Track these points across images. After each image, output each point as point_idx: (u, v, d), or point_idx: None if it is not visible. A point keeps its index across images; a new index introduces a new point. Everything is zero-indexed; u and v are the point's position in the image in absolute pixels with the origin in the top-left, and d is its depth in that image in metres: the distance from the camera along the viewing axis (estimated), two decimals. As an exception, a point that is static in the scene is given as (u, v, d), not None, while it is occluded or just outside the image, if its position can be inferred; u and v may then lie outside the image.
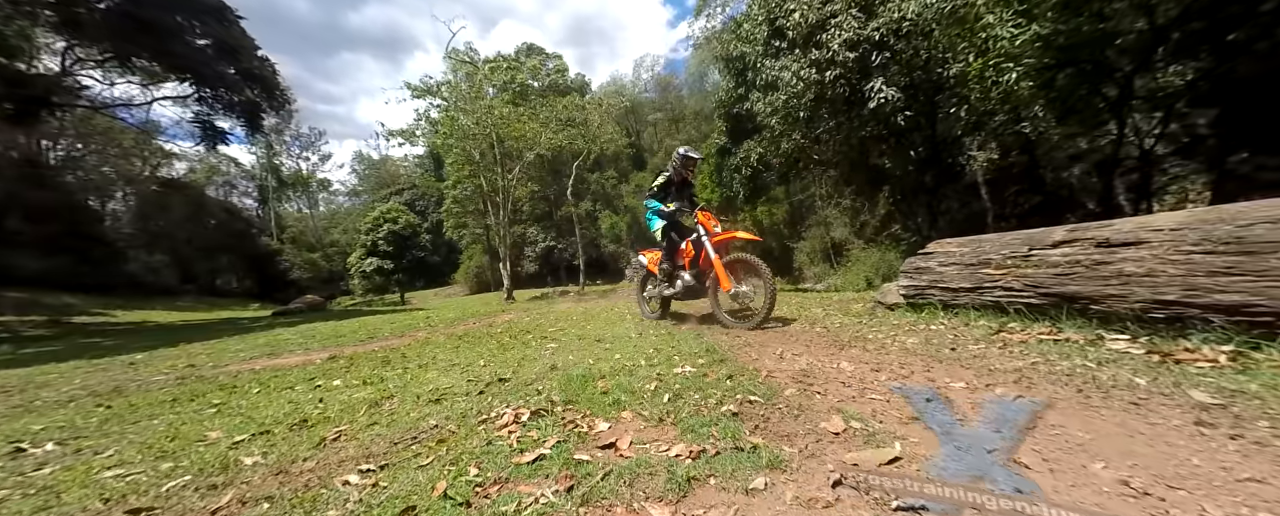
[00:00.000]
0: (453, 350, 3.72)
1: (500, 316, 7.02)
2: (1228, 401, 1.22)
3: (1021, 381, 1.56)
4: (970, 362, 1.80)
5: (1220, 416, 1.17)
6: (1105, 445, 1.14)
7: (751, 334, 3.03)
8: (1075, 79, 5.89)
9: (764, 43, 6.71)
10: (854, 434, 1.33)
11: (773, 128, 6.72)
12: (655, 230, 4.03)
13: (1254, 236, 1.47)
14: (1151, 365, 1.51)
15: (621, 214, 28.33)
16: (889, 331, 2.48)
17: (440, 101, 13.98)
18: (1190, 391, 1.28)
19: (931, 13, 4.64)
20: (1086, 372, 1.53)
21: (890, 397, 1.60)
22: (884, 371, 1.86)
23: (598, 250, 29.45)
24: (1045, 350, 1.79)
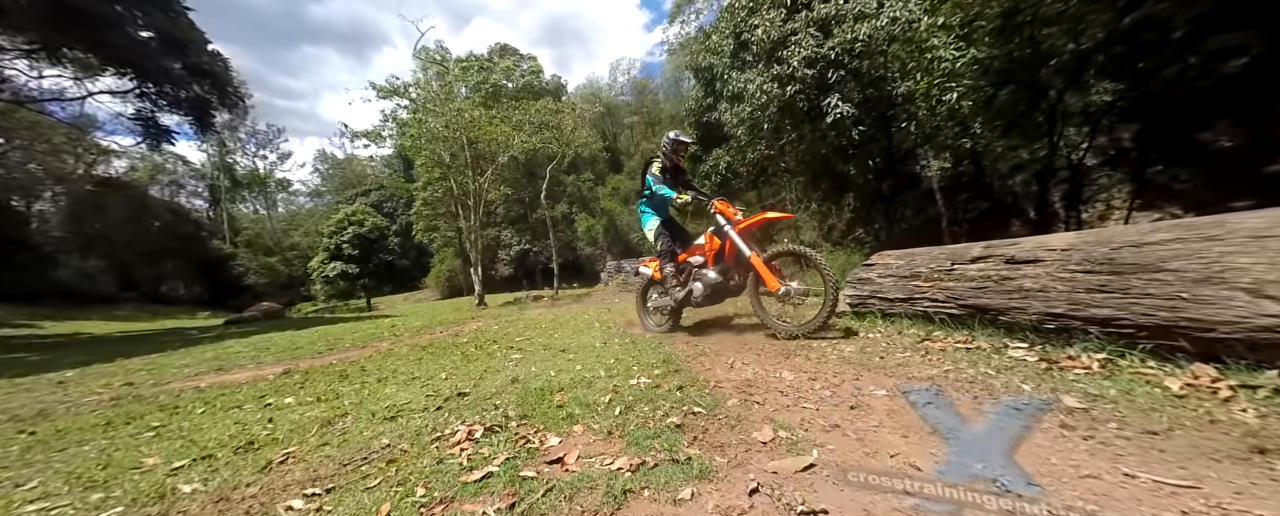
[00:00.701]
0: (415, 362, 3.68)
1: (469, 324, 6.93)
2: (1090, 405, 1.42)
3: (933, 388, 1.74)
4: (894, 370, 1.98)
5: (1081, 419, 1.36)
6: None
7: (709, 341, 3.16)
8: (1013, 97, 6.40)
9: (731, 55, 6.94)
10: (780, 442, 1.46)
11: (739, 138, 6.95)
12: (648, 229, 3.63)
13: (1121, 258, 1.70)
14: (1039, 372, 1.72)
15: (598, 217, 28.30)
16: (832, 339, 2.66)
17: (408, 102, 13.60)
18: (1063, 396, 1.48)
19: (882, 35, 4.94)
20: (986, 380, 1.72)
21: (820, 405, 1.75)
22: (819, 380, 2.02)
23: (573, 253, 29.31)
24: (958, 358, 1.99)
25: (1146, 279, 1.60)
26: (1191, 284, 1.48)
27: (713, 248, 3.23)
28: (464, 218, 13.64)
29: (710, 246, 3.25)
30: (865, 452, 1.37)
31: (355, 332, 7.37)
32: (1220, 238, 1.47)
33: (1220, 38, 6.42)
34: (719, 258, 3.20)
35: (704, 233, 3.38)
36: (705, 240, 3.31)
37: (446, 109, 11.81)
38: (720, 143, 8.05)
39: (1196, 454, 1.12)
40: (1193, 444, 1.16)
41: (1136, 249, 1.67)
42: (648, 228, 3.65)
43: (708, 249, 3.26)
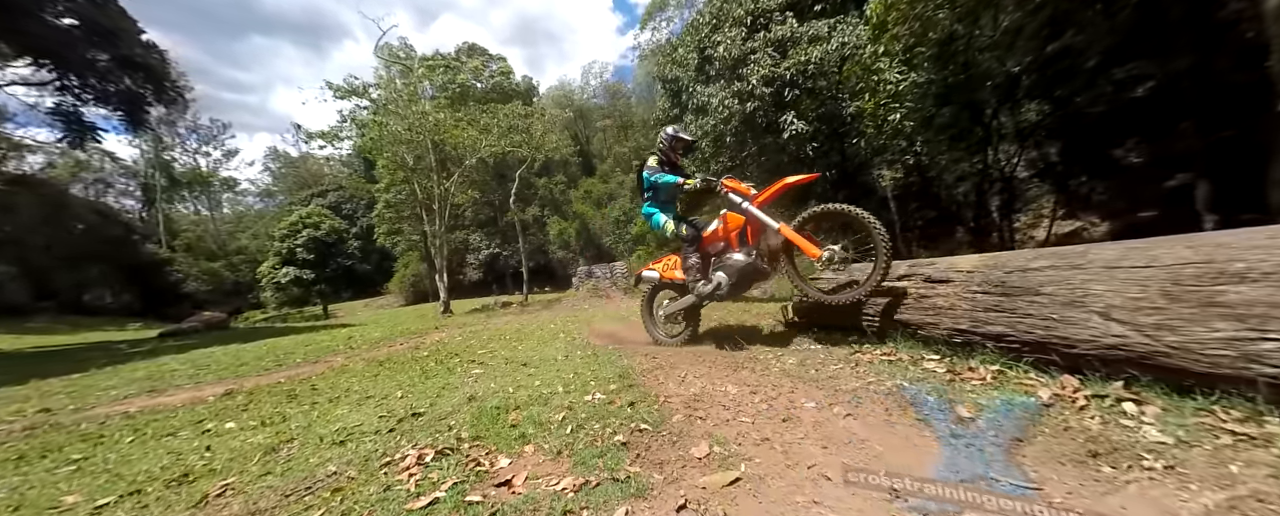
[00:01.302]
0: (371, 379, 3.61)
1: (432, 335, 6.78)
2: (978, 415, 1.63)
3: (854, 400, 1.92)
4: (825, 383, 2.17)
5: (969, 428, 1.57)
6: (893, 453, 1.48)
7: (667, 354, 3.28)
8: (953, 115, 6.96)
9: (696, 69, 7.16)
10: (714, 458, 1.59)
11: (704, 149, 7.18)
12: (663, 226, 3.27)
13: (1010, 282, 1.95)
14: (945, 383, 1.94)
15: (570, 220, 28.12)
16: (777, 352, 2.84)
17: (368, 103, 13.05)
18: (958, 407, 1.69)
19: (833, 58, 5.28)
20: (899, 391, 1.92)
21: (755, 419, 1.90)
22: (759, 393, 2.17)
23: (545, 257, 29.00)
24: (880, 370, 2.20)
25: (1028, 301, 1.84)
26: (1061, 306, 1.73)
27: (733, 228, 2.95)
28: (429, 221, 13.21)
29: (730, 228, 2.96)
30: (787, 465, 1.51)
31: (308, 345, 7.03)
32: (1083, 267, 1.73)
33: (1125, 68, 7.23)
34: (742, 239, 2.92)
35: (718, 218, 3.10)
36: (721, 224, 3.04)
37: (410, 111, 11.40)
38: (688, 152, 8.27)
39: (1048, 458, 1.33)
40: (1047, 449, 1.37)
41: (1022, 274, 1.92)
42: (661, 226, 3.31)
43: (728, 232, 2.98)
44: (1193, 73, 5.18)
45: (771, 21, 5.92)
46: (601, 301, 10.35)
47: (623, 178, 28.11)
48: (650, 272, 3.60)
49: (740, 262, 2.90)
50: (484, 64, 26.26)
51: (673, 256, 3.39)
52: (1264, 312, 1.25)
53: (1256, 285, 1.28)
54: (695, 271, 3.11)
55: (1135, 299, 1.52)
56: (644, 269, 3.71)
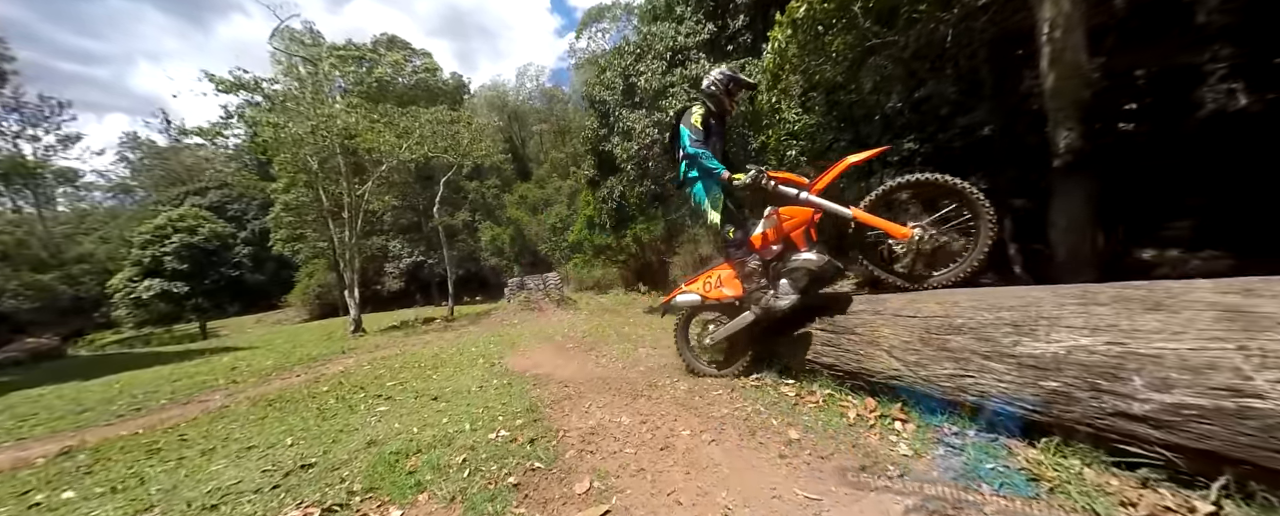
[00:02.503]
0: (256, 423, 3.35)
1: (336, 362, 6.29)
2: (804, 435, 2.06)
3: (719, 426, 2.29)
4: (702, 410, 2.53)
5: (794, 448, 1.98)
6: (737, 475, 1.83)
7: (578, 383, 3.48)
8: (845, 150, 8.08)
9: (622, 93, 7.49)
10: (593, 493, 1.83)
11: (629, 172, 7.53)
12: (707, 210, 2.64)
13: (837, 322, 2.45)
14: (791, 407, 2.39)
15: (504, 226, 27.17)
16: (671, 378, 3.18)
17: (262, 98, 11.58)
18: (788, 430, 2.11)
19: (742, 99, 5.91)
20: (759, 417, 2.33)
21: (639, 449, 2.18)
22: (648, 423, 2.47)
23: (476, 264, 27.74)
24: (749, 395, 2.62)
25: (848, 337, 2.35)
26: (866, 344, 2.24)
27: (795, 226, 2.52)
28: (338, 228, 11.99)
29: (787, 228, 2.54)
30: (652, 493, 1.80)
31: (177, 380, 6.11)
32: (880, 312, 2.26)
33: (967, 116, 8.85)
34: (808, 237, 2.53)
35: (763, 220, 2.65)
36: (772, 226, 2.59)
37: (315, 113, 10.32)
38: (615, 171, 8.57)
39: (836, 471, 1.76)
40: (839, 465, 1.80)
41: (845, 316, 2.43)
42: (709, 205, 2.63)
43: (786, 232, 2.54)
44: (1004, 131, 6.58)
45: (688, 59, 6.43)
46: (533, 315, 10.24)
47: (559, 183, 27.79)
48: (688, 296, 2.91)
49: (816, 262, 2.41)
50: (405, 59, 24.46)
51: (715, 271, 2.83)
52: (969, 356, 1.79)
53: (966, 336, 1.82)
54: (757, 279, 2.56)
55: (906, 341, 2.05)
56: (677, 293, 3.01)
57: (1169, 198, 4.68)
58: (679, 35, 6.72)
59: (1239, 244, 4.47)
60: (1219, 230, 4.45)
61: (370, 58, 21.99)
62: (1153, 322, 1.36)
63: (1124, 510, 1.26)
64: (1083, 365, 1.44)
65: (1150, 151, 4.60)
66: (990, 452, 1.61)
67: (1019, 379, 1.60)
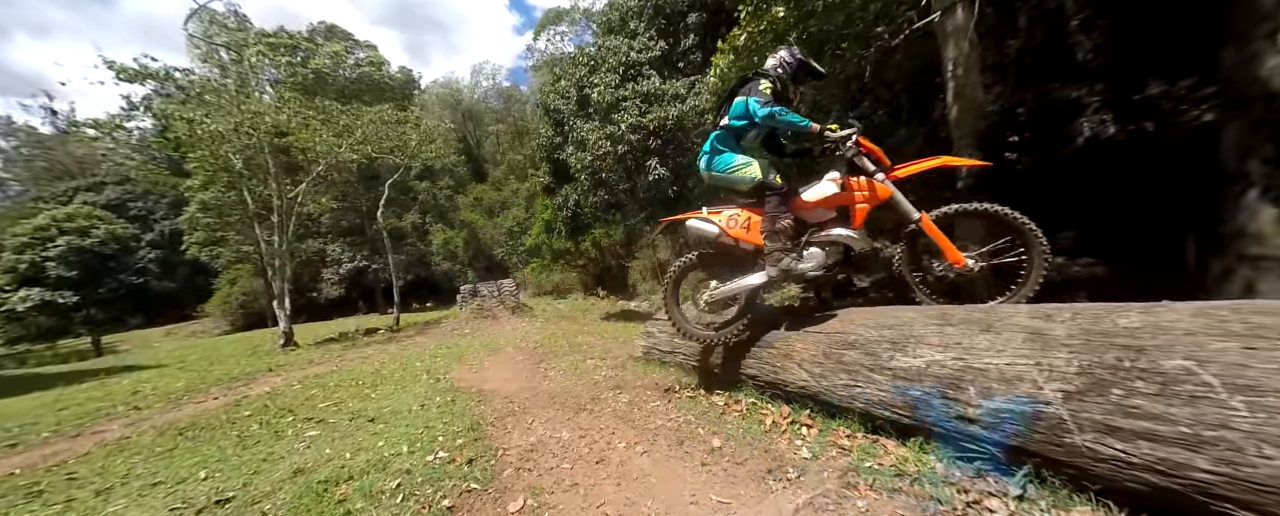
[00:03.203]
0: (164, 456, 3.09)
1: (262, 381, 5.81)
2: (725, 443, 2.27)
3: (652, 438, 2.45)
4: (639, 422, 2.68)
5: (716, 456, 2.18)
6: (664, 485, 1.99)
7: (523, 398, 3.53)
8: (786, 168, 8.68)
9: (576, 103, 7.56)
10: (526, 510, 1.92)
11: (582, 182, 7.61)
12: (732, 170, 2.47)
13: (765, 336, 2.70)
14: (718, 416, 2.60)
15: (457, 229, 26.09)
16: (614, 390, 3.32)
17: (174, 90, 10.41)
18: (712, 439, 2.31)
19: (691, 117, 6.19)
20: (688, 427, 2.52)
21: (575, 464, 2.29)
22: (588, 437, 2.59)
23: (427, 268, 26.46)
24: (682, 406, 2.81)
25: (768, 350, 2.60)
26: (782, 357, 2.49)
27: (865, 200, 2.32)
28: (266, 231, 10.96)
29: (860, 200, 2.33)
30: (583, 508, 1.92)
31: (63, 407, 5.38)
32: (795, 328, 2.52)
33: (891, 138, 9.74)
34: (845, 216, 2.36)
35: (831, 181, 2.41)
36: (836, 192, 2.38)
37: (240, 108, 9.40)
38: (570, 180, 8.61)
39: (748, 476, 1.97)
40: (752, 469, 2.02)
41: (767, 330, 2.68)
42: (740, 165, 2.46)
43: (853, 202, 2.34)
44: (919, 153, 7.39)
45: (640, 74, 6.64)
46: (486, 323, 9.98)
47: (517, 185, 27.15)
48: (706, 224, 2.58)
49: (860, 243, 2.28)
50: (347, 50, 22.87)
51: (742, 211, 2.56)
52: (858, 368, 2.07)
53: (857, 351, 2.10)
54: (783, 238, 2.35)
55: (814, 355, 2.31)
56: (691, 215, 2.64)
57: (1053, 214, 5.48)
58: (632, 50, 6.92)
59: (1110, 253, 5.32)
60: (1094, 241, 5.27)
61: (306, 47, 20.34)
62: (984, 341, 1.67)
63: (960, 496, 1.54)
64: (937, 377, 1.74)
65: (1037, 173, 5.37)
66: (871, 452, 1.88)
67: (893, 388, 1.89)
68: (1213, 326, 1.24)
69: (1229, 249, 3.32)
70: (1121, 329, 1.39)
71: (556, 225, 10.04)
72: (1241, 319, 1.22)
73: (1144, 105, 5.64)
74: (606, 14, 8.23)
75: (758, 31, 5.08)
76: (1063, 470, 1.42)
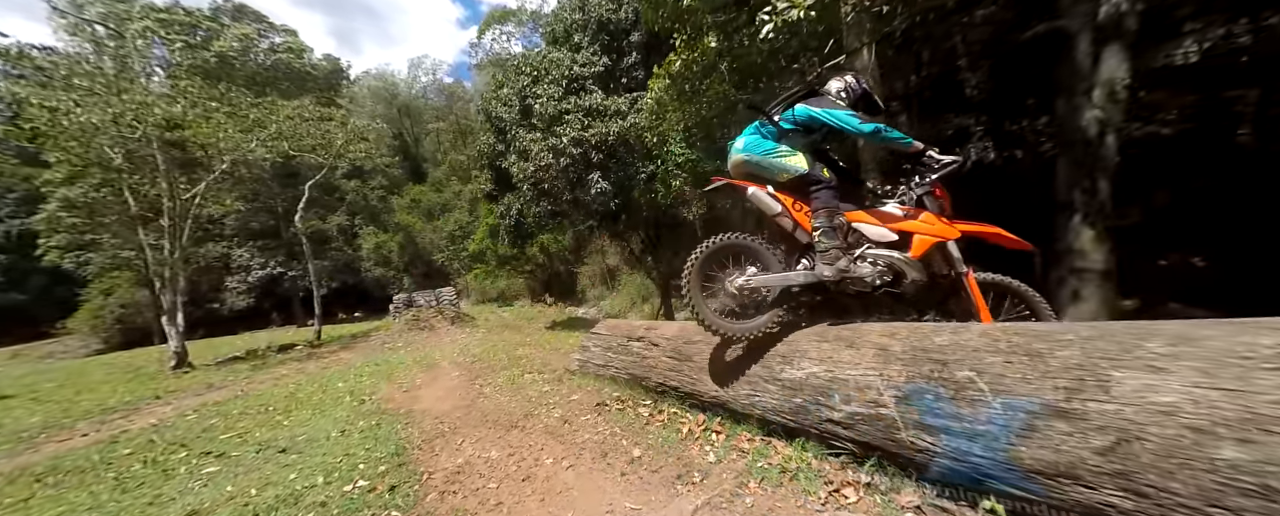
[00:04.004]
0: (16, 509, 2.70)
1: (146, 411, 5.13)
2: (644, 453, 2.47)
3: (578, 451, 2.59)
4: (568, 437, 2.81)
5: (635, 465, 2.37)
6: (585, 497, 2.13)
7: (454, 417, 3.50)
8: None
9: (519, 112, 7.51)
10: (447, 533, 1.98)
11: (525, 192, 7.57)
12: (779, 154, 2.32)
13: (681, 350, 2.95)
14: (643, 426, 2.80)
15: (391, 232, 24.26)
16: (547, 405, 3.41)
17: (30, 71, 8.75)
18: (633, 449, 2.50)
19: (631, 134, 6.42)
20: (613, 439, 2.69)
21: (502, 483, 2.37)
22: (516, 455, 2.67)
23: (356, 275, 24.39)
24: (612, 419, 2.98)
25: (688, 364, 2.85)
26: (697, 370, 2.75)
27: (931, 236, 2.25)
28: (154, 236, 9.49)
29: (930, 234, 2.25)
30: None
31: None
32: (703, 342, 2.79)
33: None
34: (905, 243, 2.27)
35: (911, 205, 2.38)
36: (894, 212, 2.36)
37: (121, 99, 8.10)
38: (513, 188, 8.51)
39: (661, 482, 2.17)
40: (665, 475, 2.23)
41: (687, 344, 2.94)
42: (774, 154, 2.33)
43: (920, 232, 2.25)
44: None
45: (584, 89, 6.77)
46: (422, 335, 9.46)
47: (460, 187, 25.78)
48: (771, 199, 2.36)
49: (910, 266, 2.20)
50: (259, 33, 20.50)
51: (798, 201, 2.37)
52: (757, 380, 2.36)
53: (757, 364, 2.40)
54: (840, 236, 2.24)
55: (724, 369, 2.59)
56: (750, 183, 2.42)
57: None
58: (575, 64, 7.03)
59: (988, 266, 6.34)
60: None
61: (208, 27, 17.99)
62: (848, 356, 2.01)
63: (826, 486, 1.85)
64: (814, 386, 2.06)
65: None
66: (763, 453, 2.17)
67: (782, 396, 2.19)
68: (989, 344, 1.64)
69: (1062, 262, 4.13)
70: (935, 346, 1.77)
71: (500, 233, 9.83)
72: (1007, 338, 1.62)
73: (1015, 136, 6.75)
74: (551, 24, 8.26)
75: (692, 59, 5.44)
76: (897, 460, 1.77)
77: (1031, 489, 1.39)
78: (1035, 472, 1.37)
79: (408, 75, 35.54)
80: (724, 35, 5.35)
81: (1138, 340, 1.35)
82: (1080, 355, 1.40)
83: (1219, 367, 1.17)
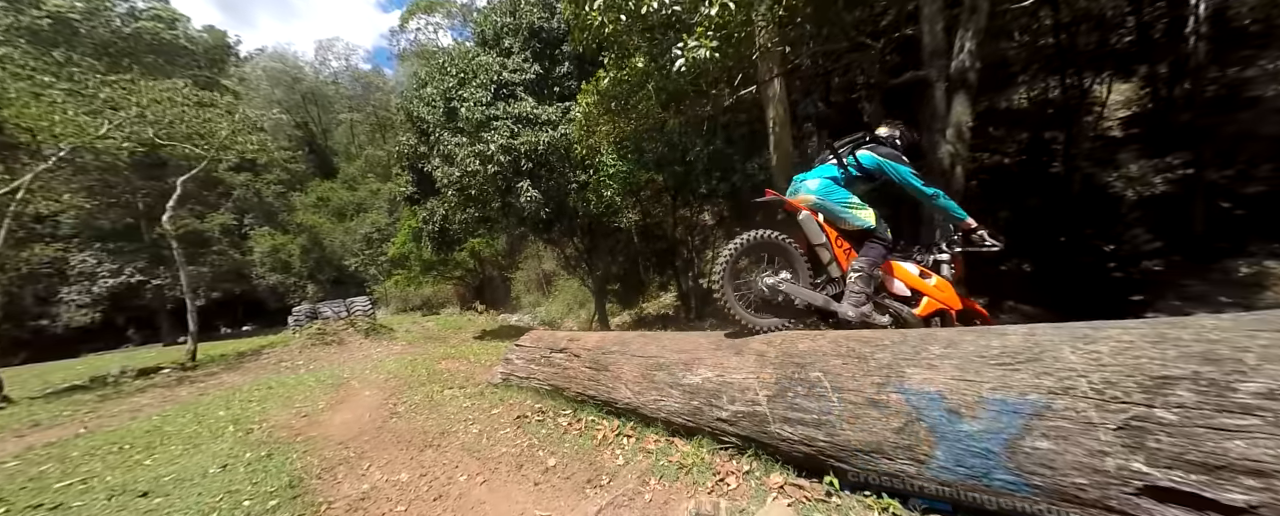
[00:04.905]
0: None
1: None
2: (559, 461, 2.59)
3: (494, 466, 2.64)
4: (486, 451, 2.84)
5: (549, 474, 2.48)
6: (496, 508, 2.19)
7: (367, 439, 3.33)
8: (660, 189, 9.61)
9: (444, 114, 7.21)
10: (347, 561, 1.94)
11: (450, 198, 7.28)
12: (851, 206, 2.49)
13: (599, 359, 3.12)
14: (562, 433, 2.92)
15: (291, 234, 21.36)
16: (466, 421, 3.39)
17: None
18: (548, 458, 2.61)
19: (560, 144, 6.48)
20: (530, 450, 2.77)
21: (411, 505, 2.35)
22: (428, 475, 2.64)
23: (247, 283, 21.17)
24: (530, 429, 3.06)
25: (605, 373, 3.02)
26: (613, 378, 2.94)
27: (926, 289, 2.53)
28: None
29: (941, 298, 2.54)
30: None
31: None
32: (624, 353, 3.00)
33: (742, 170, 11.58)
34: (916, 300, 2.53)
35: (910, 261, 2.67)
36: (912, 270, 2.61)
37: None
38: (437, 192, 8.10)
39: (572, 488, 2.31)
40: (575, 482, 2.37)
41: (604, 354, 3.12)
42: (847, 205, 2.51)
43: (914, 283, 2.55)
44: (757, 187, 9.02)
45: (514, 95, 6.70)
46: (329, 351, 8.53)
47: (378, 185, 23.44)
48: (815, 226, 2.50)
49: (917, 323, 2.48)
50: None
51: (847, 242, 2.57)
52: (663, 386, 2.60)
53: (663, 372, 2.64)
54: (872, 285, 2.44)
55: (635, 376, 2.80)
56: (803, 207, 2.51)
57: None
58: (505, 70, 6.92)
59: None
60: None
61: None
62: (735, 362, 2.33)
63: (713, 477, 2.12)
64: (707, 390, 2.34)
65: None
66: (666, 452, 2.41)
67: (683, 400, 2.45)
68: (838, 349, 2.02)
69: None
70: (799, 351, 2.13)
71: (423, 237, 9.26)
72: (846, 344, 2.01)
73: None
74: (480, 24, 8.02)
75: (620, 77, 5.67)
76: (768, 449, 2.09)
77: (854, 463, 1.76)
78: (857, 450, 1.74)
79: (316, 58, 31.75)
80: (651, 58, 5.66)
81: (925, 345, 1.78)
82: (889, 357, 1.81)
83: (967, 364, 1.60)
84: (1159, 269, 8.13)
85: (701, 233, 16.10)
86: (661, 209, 12.68)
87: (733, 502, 1.91)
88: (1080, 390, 1.32)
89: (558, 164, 6.68)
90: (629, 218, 13.17)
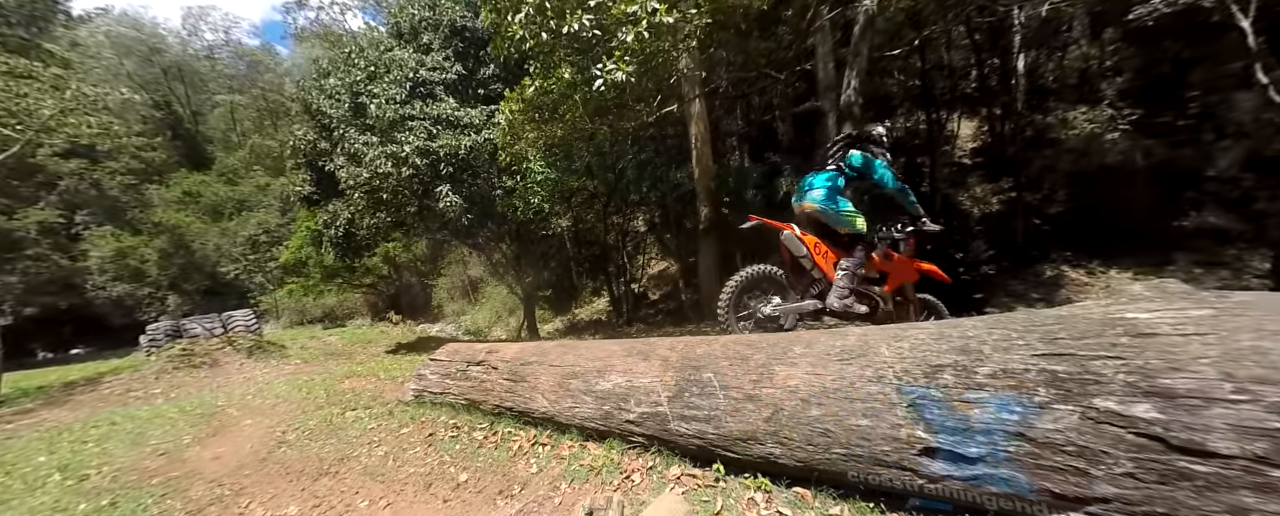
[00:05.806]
0: None
1: None
2: (471, 476, 2.58)
3: (401, 487, 2.55)
4: (390, 475, 2.72)
5: (459, 490, 2.46)
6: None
7: (247, 474, 2.98)
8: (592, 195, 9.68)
9: (349, 110, 6.60)
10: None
11: (357, 201, 6.69)
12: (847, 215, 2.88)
13: (518, 371, 3.15)
14: (476, 447, 2.89)
15: (146, 234, 17.56)
16: (371, 443, 3.20)
17: None
18: (460, 474, 2.59)
19: (484, 149, 6.29)
20: (441, 468, 2.71)
21: (300, 539, 2.19)
22: (322, 506, 2.47)
23: (78, 295, 17.01)
24: (441, 446, 2.98)
25: (522, 384, 3.06)
26: (530, 389, 2.99)
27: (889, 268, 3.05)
28: None
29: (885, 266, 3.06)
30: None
31: None
32: (540, 363, 3.06)
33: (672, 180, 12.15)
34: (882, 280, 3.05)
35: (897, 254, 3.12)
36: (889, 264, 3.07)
37: None
38: (340, 194, 7.37)
39: (483, 501, 2.33)
40: (489, 496, 2.39)
41: (523, 366, 3.15)
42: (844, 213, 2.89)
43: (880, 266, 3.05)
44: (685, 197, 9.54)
45: (432, 95, 6.36)
46: (196, 375, 7.17)
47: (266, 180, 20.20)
48: (799, 242, 2.94)
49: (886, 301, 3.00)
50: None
51: (823, 245, 2.98)
52: (577, 393, 2.72)
53: (578, 380, 2.76)
54: (854, 280, 2.86)
55: (551, 385, 2.88)
56: (786, 227, 2.99)
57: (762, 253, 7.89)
58: (423, 67, 6.55)
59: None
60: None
61: None
62: (642, 367, 2.53)
63: (620, 474, 2.29)
64: (617, 395, 2.51)
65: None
66: (578, 457, 2.53)
67: (596, 406, 2.60)
68: (727, 352, 2.31)
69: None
70: (697, 355, 2.39)
71: (325, 242, 8.31)
72: (734, 348, 2.31)
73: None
74: (395, 16, 7.47)
75: (546, 87, 5.70)
76: (669, 445, 2.32)
77: (734, 451, 2.05)
78: (737, 439, 2.02)
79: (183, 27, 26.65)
80: (578, 70, 5.76)
81: (791, 345, 2.13)
82: (764, 357, 2.13)
83: (818, 361, 1.96)
84: (992, 272, 10.09)
85: (634, 238, 16.52)
86: (593, 215, 12.79)
87: (633, 496, 2.09)
88: (888, 377, 1.71)
89: (482, 168, 6.47)
90: (560, 223, 13.08)
